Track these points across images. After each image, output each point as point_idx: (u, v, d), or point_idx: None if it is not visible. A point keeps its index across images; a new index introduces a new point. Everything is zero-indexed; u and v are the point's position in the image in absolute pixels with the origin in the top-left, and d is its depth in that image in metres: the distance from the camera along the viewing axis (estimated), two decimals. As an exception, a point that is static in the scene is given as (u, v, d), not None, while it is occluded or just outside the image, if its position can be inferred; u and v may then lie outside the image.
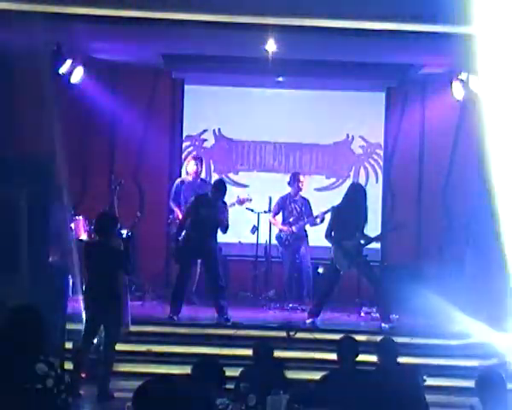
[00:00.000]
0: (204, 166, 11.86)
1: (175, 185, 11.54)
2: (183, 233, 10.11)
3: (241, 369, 6.55)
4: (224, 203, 10.14)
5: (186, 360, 8.61)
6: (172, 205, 11.39)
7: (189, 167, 11.45)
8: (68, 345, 8.56)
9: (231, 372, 6.08)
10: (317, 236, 11.44)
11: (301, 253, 11.46)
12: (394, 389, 5.89)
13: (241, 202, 10.86)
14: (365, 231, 10.20)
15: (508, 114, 9.36)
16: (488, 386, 5.12)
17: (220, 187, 10.15)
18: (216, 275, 10.01)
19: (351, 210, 10.03)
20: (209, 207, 9.96)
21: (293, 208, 11.46)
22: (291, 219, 11.43)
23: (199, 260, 10.63)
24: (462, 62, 11.07)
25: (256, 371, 6.32)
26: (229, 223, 10.21)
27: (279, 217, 11.56)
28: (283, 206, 11.49)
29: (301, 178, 11.51)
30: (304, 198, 11.54)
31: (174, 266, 10.64)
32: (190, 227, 10.07)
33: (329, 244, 10.23)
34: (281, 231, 11.49)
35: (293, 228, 11.35)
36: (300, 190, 11.47)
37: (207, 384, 5.17)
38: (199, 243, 9.98)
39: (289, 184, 11.53)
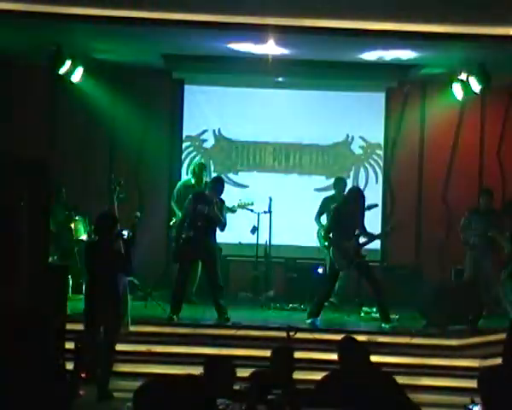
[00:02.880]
0: (206, 171, 11.84)
1: (177, 188, 11.47)
2: (184, 234, 10.09)
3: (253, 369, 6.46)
4: (222, 201, 10.12)
5: (186, 360, 8.64)
6: (175, 207, 11.33)
7: (194, 173, 11.42)
8: (68, 345, 8.56)
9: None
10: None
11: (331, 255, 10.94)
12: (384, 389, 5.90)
13: (241, 206, 10.86)
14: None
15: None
16: (490, 386, 5.11)
17: (217, 184, 10.14)
18: (215, 274, 10.00)
19: (350, 212, 10.03)
20: (206, 203, 9.94)
21: None
22: None
23: (199, 260, 10.62)
24: (462, 62, 11.10)
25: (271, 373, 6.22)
26: (230, 223, 10.20)
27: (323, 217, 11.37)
28: (326, 207, 11.25)
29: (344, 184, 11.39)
30: None
31: (174, 266, 10.63)
32: (189, 226, 10.06)
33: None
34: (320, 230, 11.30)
35: None
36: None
37: (215, 383, 5.17)
38: (198, 242, 9.97)
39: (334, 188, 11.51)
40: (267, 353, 9.12)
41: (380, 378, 6.13)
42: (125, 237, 8.36)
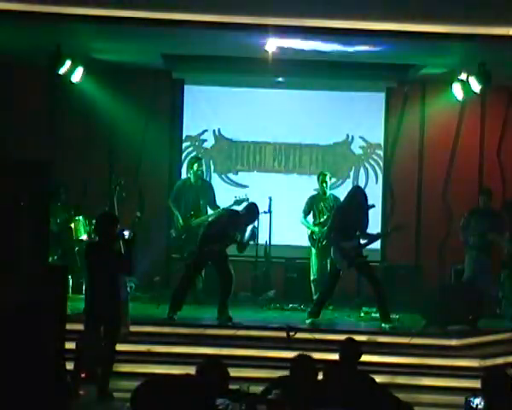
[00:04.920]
0: (204, 166, 11.89)
1: (176, 187, 11.51)
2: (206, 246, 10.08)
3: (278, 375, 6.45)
4: (254, 228, 10.21)
5: (186, 360, 8.63)
6: (172, 207, 11.32)
7: (190, 168, 11.43)
8: (68, 345, 8.55)
9: (232, 373, 6.08)
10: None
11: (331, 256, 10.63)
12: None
13: (238, 202, 10.83)
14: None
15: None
16: (494, 386, 5.12)
17: (253, 215, 10.14)
18: (229, 274, 9.99)
19: (351, 212, 10.03)
20: (240, 231, 10.04)
21: (322, 208, 11.22)
22: (322, 220, 11.15)
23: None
24: (462, 62, 11.10)
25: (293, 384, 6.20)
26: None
27: (310, 217, 11.33)
28: (313, 205, 11.26)
29: (326, 178, 11.24)
30: (336, 196, 11.25)
31: (174, 266, 10.62)
32: (216, 242, 10.01)
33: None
34: (312, 232, 11.25)
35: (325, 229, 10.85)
36: (326, 189, 11.19)
37: (210, 384, 5.17)
38: (216, 255, 10.01)
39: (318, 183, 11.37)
40: (267, 353, 9.24)
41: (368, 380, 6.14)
42: (126, 237, 8.35)
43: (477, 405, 5.33)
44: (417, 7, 9.15)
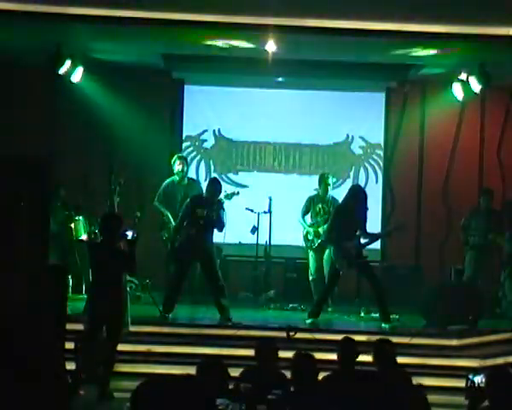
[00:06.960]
0: (188, 164, 11.60)
1: (163, 187, 11.28)
2: (182, 234, 10.06)
3: (242, 369, 6.54)
4: (220, 202, 10.09)
5: (186, 360, 8.63)
6: (161, 208, 11.19)
7: (175, 167, 11.30)
8: (68, 345, 8.56)
9: (232, 372, 6.08)
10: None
11: (327, 256, 10.74)
12: (393, 391, 5.89)
13: (228, 196, 10.71)
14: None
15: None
16: (497, 385, 5.12)
17: (214, 186, 10.10)
18: (215, 275, 9.99)
19: (352, 211, 10.02)
20: (205, 206, 9.93)
21: (320, 209, 11.19)
22: (319, 219, 11.10)
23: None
24: (462, 62, 11.10)
25: (258, 371, 6.32)
26: (230, 223, 10.18)
27: (308, 217, 11.26)
28: (311, 206, 11.22)
29: (329, 180, 11.18)
30: (334, 198, 11.17)
31: (173, 266, 10.60)
32: (187, 229, 10.02)
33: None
34: (307, 232, 11.18)
35: (320, 229, 10.98)
36: (327, 191, 11.15)
37: (210, 384, 5.17)
38: (196, 244, 9.92)
39: (318, 184, 11.31)
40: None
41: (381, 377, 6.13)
42: (129, 237, 8.34)
43: (478, 383, 5.30)
44: (417, 7, 9.16)
